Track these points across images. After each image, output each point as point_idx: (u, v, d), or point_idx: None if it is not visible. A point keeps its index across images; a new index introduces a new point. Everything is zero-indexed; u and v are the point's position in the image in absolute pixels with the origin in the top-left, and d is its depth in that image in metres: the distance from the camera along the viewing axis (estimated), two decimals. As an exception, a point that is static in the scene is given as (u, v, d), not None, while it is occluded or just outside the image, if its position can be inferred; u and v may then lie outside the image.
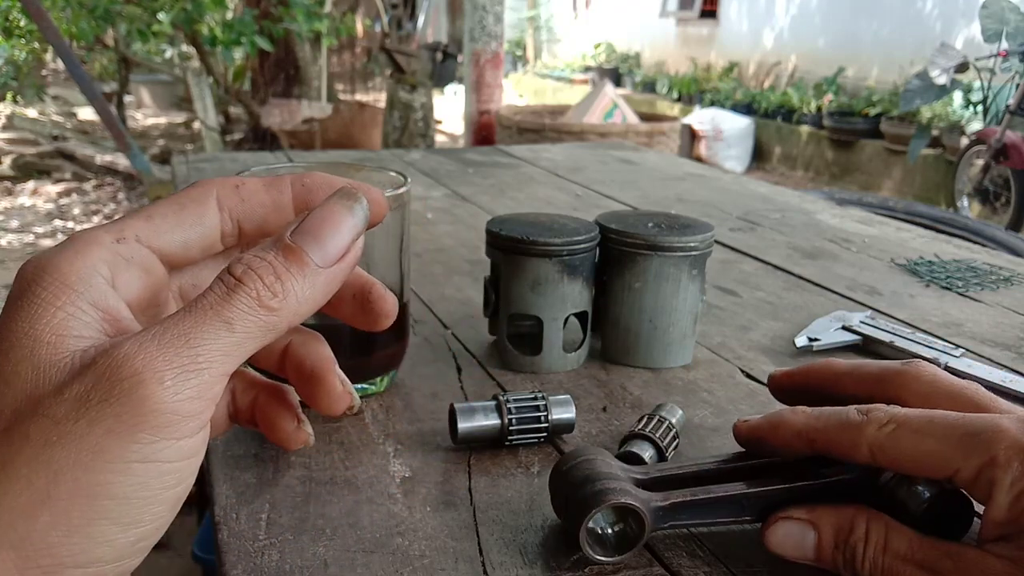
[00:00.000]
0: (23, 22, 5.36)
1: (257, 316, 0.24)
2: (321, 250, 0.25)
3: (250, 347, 0.24)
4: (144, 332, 0.23)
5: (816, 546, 0.33)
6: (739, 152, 6.21)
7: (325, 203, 0.26)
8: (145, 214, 0.27)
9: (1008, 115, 4.05)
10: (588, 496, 0.33)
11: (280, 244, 0.25)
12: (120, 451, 0.22)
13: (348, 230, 0.26)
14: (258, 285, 0.24)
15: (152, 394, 0.22)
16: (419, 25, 9.74)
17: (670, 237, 0.52)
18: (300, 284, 0.25)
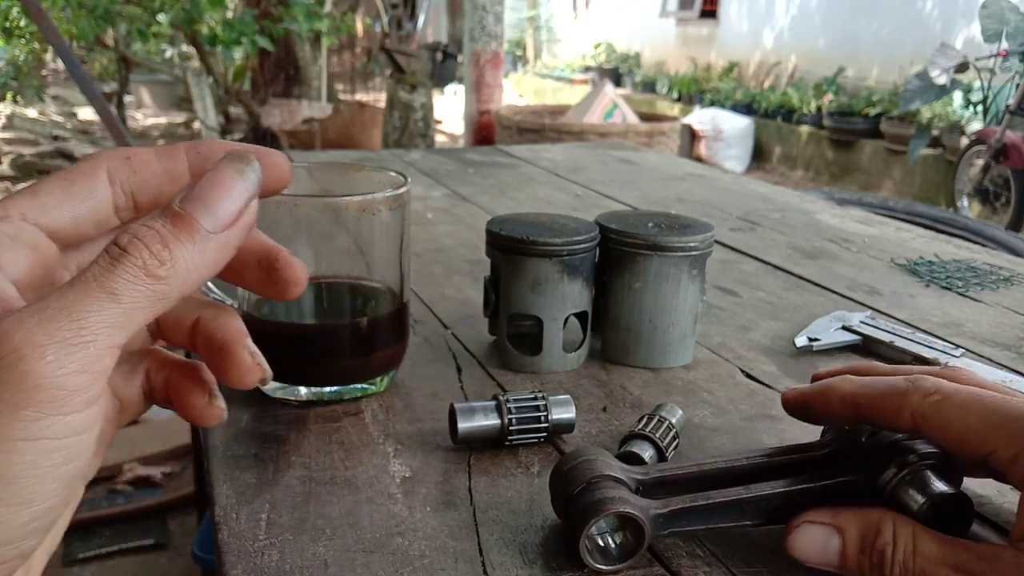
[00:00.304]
0: (23, 22, 5.36)
1: (144, 285, 0.23)
2: (211, 215, 0.24)
3: (139, 318, 0.23)
4: (24, 308, 0.22)
5: (841, 551, 0.33)
6: (739, 152, 6.21)
7: (215, 168, 0.25)
8: (31, 191, 0.26)
9: (1008, 115, 4.05)
10: (588, 505, 0.33)
11: (168, 212, 0.24)
12: (3, 430, 0.21)
13: (239, 194, 0.25)
14: (144, 254, 0.23)
15: (33, 369, 0.21)
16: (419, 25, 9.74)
17: (670, 237, 0.52)
18: (190, 251, 0.24)
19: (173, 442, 1.86)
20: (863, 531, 0.33)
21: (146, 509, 1.64)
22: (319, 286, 0.49)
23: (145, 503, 1.65)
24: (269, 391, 0.48)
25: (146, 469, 1.84)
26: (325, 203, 0.45)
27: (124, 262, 0.23)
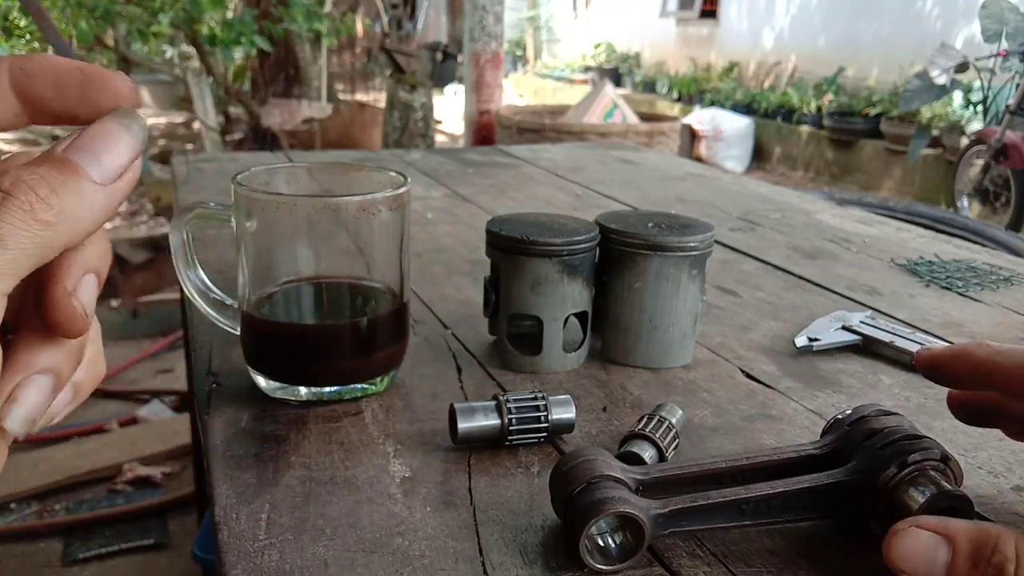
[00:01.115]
0: (23, 22, 5.36)
1: (32, 230, 0.21)
2: (98, 166, 0.23)
3: (25, 265, 0.22)
4: None
5: (949, 564, 0.30)
6: (739, 152, 6.21)
7: (100, 121, 0.24)
8: None
9: (1008, 115, 4.05)
10: (588, 505, 0.33)
11: (52, 158, 0.23)
12: None
13: (126, 147, 0.24)
14: (31, 198, 0.22)
15: None
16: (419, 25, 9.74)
17: (670, 237, 0.52)
18: (77, 199, 0.23)
19: (173, 442, 1.86)
20: (977, 544, 0.30)
21: (146, 509, 1.64)
22: (319, 286, 0.49)
23: (145, 503, 1.65)
24: (269, 391, 0.48)
25: (146, 469, 1.84)
26: (325, 203, 0.45)
27: (10, 205, 0.21)
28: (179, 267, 0.49)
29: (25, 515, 1.71)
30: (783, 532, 0.37)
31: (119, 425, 2.08)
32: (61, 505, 1.74)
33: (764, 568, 0.35)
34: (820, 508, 0.36)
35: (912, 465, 0.34)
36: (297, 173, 0.51)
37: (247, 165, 0.64)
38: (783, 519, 0.36)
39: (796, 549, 0.36)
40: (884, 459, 0.34)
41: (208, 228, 0.83)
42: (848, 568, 0.35)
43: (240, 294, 0.49)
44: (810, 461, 0.37)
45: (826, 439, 0.38)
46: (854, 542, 0.37)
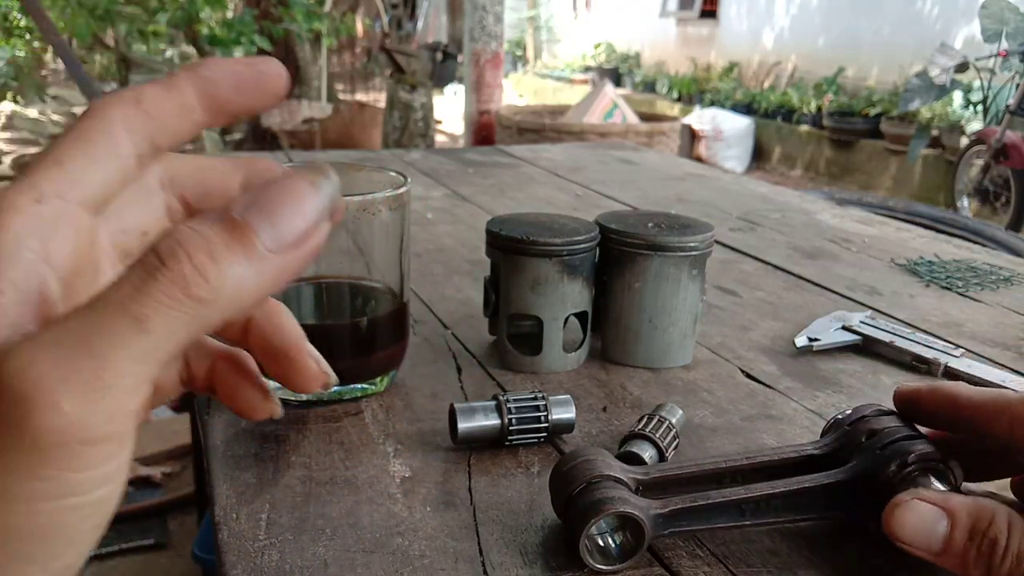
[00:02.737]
0: (23, 22, 5.36)
1: (182, 310, 0.19)
2: (274, 230, 0.20)
3: (173, 348, 0.19)
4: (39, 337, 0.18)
5: (947, 536, 0.31)
6: (739, 152, 6.21)
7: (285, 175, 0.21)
8: (53, 159, 0.23)
9: (1008, 115, 4.05)
10: (588, 505, 0.33)
11: (223, 217, 0.20)
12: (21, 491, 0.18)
13: (310, 209, 0.21)
14: (186, 267, 0.19)
15: (47, 424, 0.17)
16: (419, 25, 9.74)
17: (670, 237, 0.52)
18: (242, 269, 0.19)
19: (173, 442, 1.86)
20: (975, 518, 0.31)
21: (146, 509, 1.64)
22: (319, 286, 0.49)
23: (145, 503, 1.65)
24: None
25: (146, 469, 1.84)
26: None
27: (160, 279, 0.19)
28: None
29: (25, 515, 1.71)
30: (783, 532, 0.37)
31: (119, 425, 2.08)
32: (61, 505, 1.74)
33: (764, 568, 0.35)
34: (820, 508, 0.36)
35: (912, 465, 0.34)
36: (297, 173, 0.51)
37: (247, 165, 0.64)
38: (783, 519, 0.36)
39: (796, 549, 0.36)
40: (884, 459, 0.34)
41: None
42: (848, 568, 0.35)
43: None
44: (810, 461, 0.37)
45: (826, 439, 0.38)
46: (854, 542, 0.37)
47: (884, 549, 0.36)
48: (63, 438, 0.18)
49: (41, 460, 0.18)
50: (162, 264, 0.18)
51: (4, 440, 0.18)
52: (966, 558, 0.31)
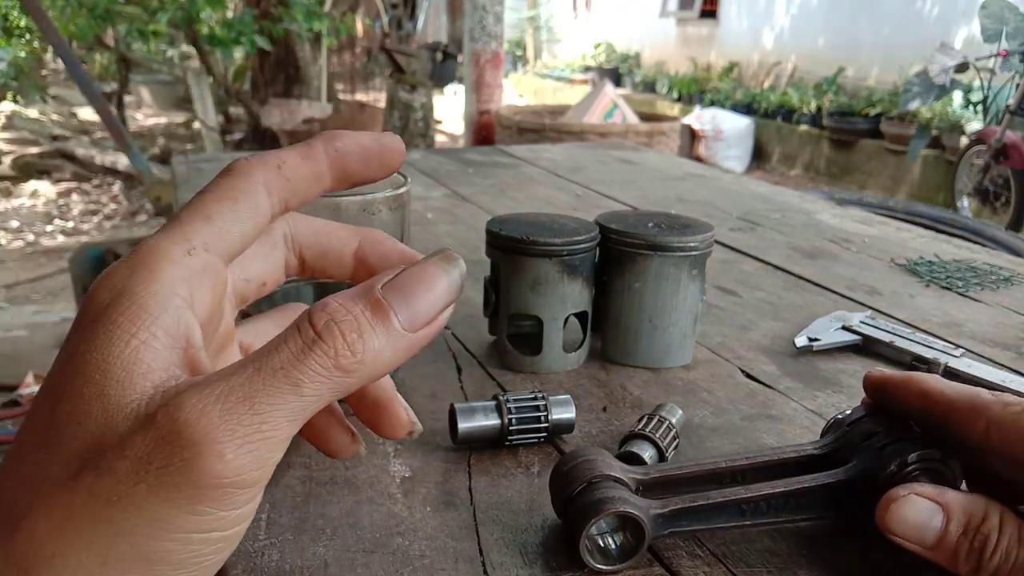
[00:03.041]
0: (23, 22, 5.36)
1: (330, 379, 0.22)
2: (410, 312, 0.23)
3: (315, 410, 0.22)
4: (208, 389, 0.21)
5: (941, 531, 0.32)
6: (739, 152, 6.21)
7: (422, 262, 0.24)
8: (203, 215, 0.25)
9: (1008, 115, 4.05)
10: (588, 504, 0.33)
11: (369, 297, 0.23)
12: (179, 522, 0.21)
13: (442, 294, 0.24)
14: (338, 343, 0.22)
15: (212, 469, 0.21)
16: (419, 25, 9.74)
17: (670, 237, 0.52)
18: (380, 344, 0.23)
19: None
20: (969, 515, 0.31)
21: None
22: (319, 286, 0.49)
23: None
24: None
25: (146, 469, 1.84)
26: (325, 203, 0.45)
27: (316, 351, 0.22)
28: (179, 267, 0.49)
29: (25, 515, 1.71)
30: (783, 532, 0.37)
31: (119, 425, 2.08)
32: (61, 505, 1.74)
33: (764, 568, 0.35)
34: (820, 508, 0.36)
35: (912, 464, 0.34)
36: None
37: (247, 165, 0.64)
38: (783, 519, 0.36)
39: (796, 549, 0.36)
40: (884, 459, 0.34)
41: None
42: (848, 568, 0.35)
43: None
44: (810, 461, 0.37)
45: (826, 439, 0.38)
46: (854, 542, 0.37)
47: (883, 549, 0.36)
48: (222, 481, 0.21)
49: (200, 498, 0.21)
50: (318, 337, 0.22)
51: (172, 477, 0.20)
52: (958, 553, 0.31)
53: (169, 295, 0.23)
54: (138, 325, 0.22)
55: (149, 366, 0.22)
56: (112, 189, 4.92)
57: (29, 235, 3.97)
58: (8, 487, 0.22)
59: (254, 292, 0.29)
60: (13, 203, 4.56)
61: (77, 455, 0.21)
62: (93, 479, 0.21)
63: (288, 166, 0.27)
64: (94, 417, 0.21)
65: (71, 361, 0.22)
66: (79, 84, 3.33)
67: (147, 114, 7.84)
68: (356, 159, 0.27)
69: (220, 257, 0.25)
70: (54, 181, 5.02)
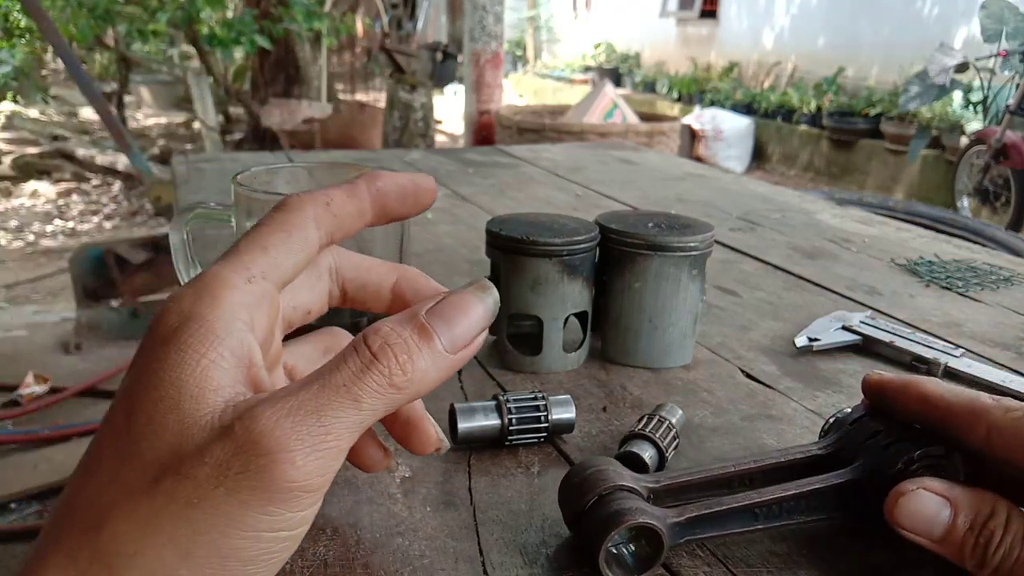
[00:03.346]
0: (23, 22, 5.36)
1: (385, 395, 0.25)
2: (450, 335, 0.26)
3: (370, 423, 0.25)
4: (280, 403, 0.24)
5: (948, 525, 0.32)
6: (739, 152, 6.21)
7: (459, 291, 0.28)
8: (260, 246, 0.28)
9: (1008, 115, 4.05)
10: (605, 517, 0.32)
11: (415, 322, 0.26)
12: (252, 521, 0.23)
13: (478, 320, 0.27)
14: (392, 363, 0.25)
15: (285, 474, 0.23)
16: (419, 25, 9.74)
17: (670, 237, 0.52)
18: (426, 364, 0.26)
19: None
20: (976, 509, 0.32)
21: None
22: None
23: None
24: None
25: (146, 469, 1.84)
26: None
27: (373, 370, 0.25)
28: (179, 267, 0.49)
29: (25, 515, 1.71)
30: (783, 533, 0.37)
31: (119, 425, 2.08)
32: (61, 505, 1.74)
33: (764, 568, 0.35)
34: (829, 508, 0.36)
35: (918, 462, 0.34)
36: (297, 173, 0.51)
37: (247, 165, 0.64)
38: (795, 521, 0.35)
39: (796, 549, 0.36)
40: (889, 457, 0.34)
41: (208, 228, 0.83)
42: (848, 568, 0.35)
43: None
44: (815, 461, 0.37)
45: (829, 439, 0.38)
46: (854, 542, 0.37)
47: (886, 548, 0.36)
48: (292, 486, 0.23)
49: (272, 500, 0.23)
50: (375, 358, 0.25)
51: (248, 482, 0.23)
52: (964, 547, 0.32)
53: (232, 319, 0.26)
54: (207, 346, 0.25)
55: (219, 383, 0.24)
56: (112, 189, 4.92)
57: (29, 235, 3.97)
58: (87, 492, 0.24)
59: (300, 319, 0.32)
60: (13, 203, 4.56)
61: (155, 462, 0.23)
62: (174, 483, 0.23)
63: (335, 203, 0.30)
64: (170, 428, 0.24)
65: (144, 378, 0.25)
66: (79, 84, 3.33)
67: (147, 114, 7.84)
68: (394, 197, 0.31)
69: (275, 285, 0.28)
70: (54, 181, 5.02)
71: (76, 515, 0.24)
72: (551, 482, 0.41)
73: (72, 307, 2.78)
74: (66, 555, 0.23)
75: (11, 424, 2.13)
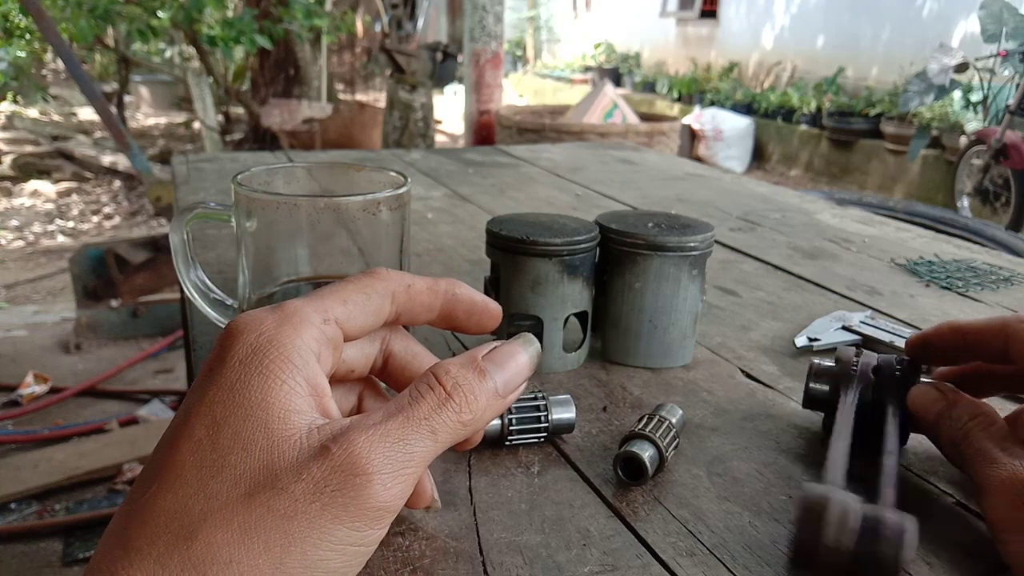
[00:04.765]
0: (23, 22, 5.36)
1: (455, 429, 0.28)
2: (504, 379, 0.30)
3: (439, 452, 0.28)
4: (371, 430, 0.26)
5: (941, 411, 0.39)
6: (739, 152, 6.21)
7: (508, 342, 0.31)
8: (341, 298, 0.30)
9: (1008, 115, 4.05)
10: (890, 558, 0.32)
11: (476, 365, 0.29)
12: (341, 535, 0.25)
13: (524, 368, 0.31)
14: (461, 401, 0.28)
15: (376, 495, 0.26)
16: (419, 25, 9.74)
17: (670, 237, 0.52)
18: (484, 403, 0.29)
19: (173, 442, 1.86)
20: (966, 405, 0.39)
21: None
22: (319, 286, 0.49)
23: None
24: None
25: (146, 469, 1.83)
26: (325, 203, 0.45)
27: (448, 407, 0.28)
28: (179, 267, 0.49)
29: (25, 515, 1.71)
30: (781, 528, 0.37)
31: (119, 425, 2.08)
32: (61, 505, 1.74)
33: (764, 568, 0.35)
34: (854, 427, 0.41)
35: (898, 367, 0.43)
36: (297, 173, 0.51)
37: (247, 165, 0.64)
38: None
39: (796, 549, 0.36)
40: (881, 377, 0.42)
41: (208, 228, 0.83)
42: (848, 569, 0.35)
43: (240, 294, 0.49)
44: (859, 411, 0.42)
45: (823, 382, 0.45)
46: (854, 542, 0.37)
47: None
48: (380, 505, 0.26)
49: (361, 517, 0.26)
50: (450, 396, 0.28)
51: (343, 499, 0.25)
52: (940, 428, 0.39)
53: (308, 352, 0.28)
54: (288, 373, 0.27)
55: (300, 408, 0.27)
56: (112, 189, 4.92)
57: (29, 235, 3.97)
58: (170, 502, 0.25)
59: (343, 374, 0.34)
60: (13, 203, 4.56)
61: (246, 476, 0.25)
62: (271, 496, 0.25)
63: (415, 290, 0.33)
64: (259, 445, 0.26)
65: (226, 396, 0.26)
66: (79, 84, 3.33)
67: (147, 114, 7.84)
68: (464, 309, 0.34)
69: (344, 334, 0.30)
70: (54, 181, 5.02)
71: (159, 523, 0.25)
72: (551, 482, 0.41)
73: (72, 307, 2.78)
74: (155, 561, 0.24)
75: (11, 424, 2.13)
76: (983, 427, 0.37)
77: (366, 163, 0.53)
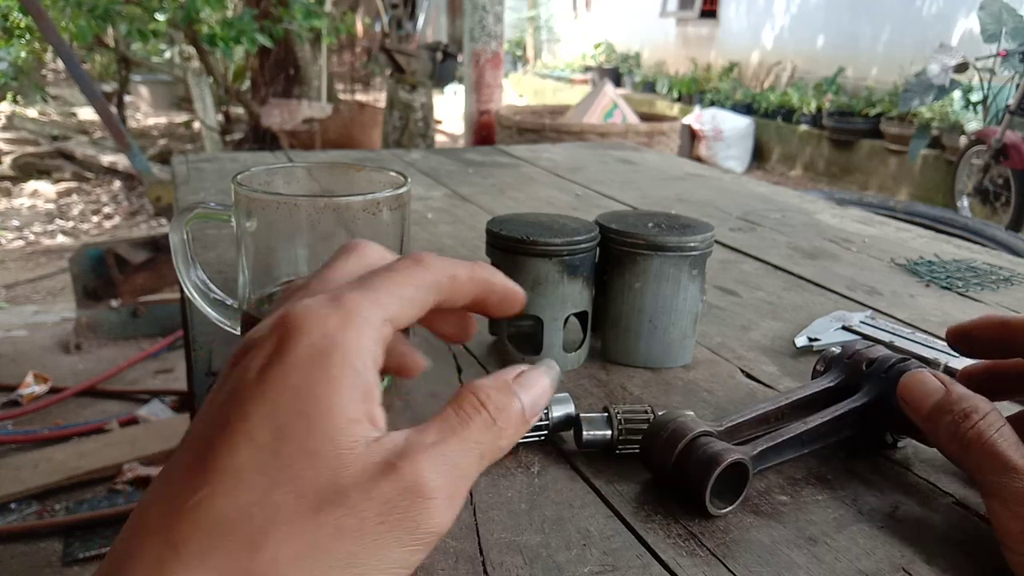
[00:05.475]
0: (23, 22, 5.36)
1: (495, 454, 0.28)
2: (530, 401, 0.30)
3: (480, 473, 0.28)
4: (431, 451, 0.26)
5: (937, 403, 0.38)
6: (739, 152, 6.21)
7: (532, 368, 0.31)
8: (396, 294, 0.29)
9: (1008, 115, 4.05)
10: (707, 458, 0.37)
11: (508, 389, 0.29)
12: (399, 557, 0.25)
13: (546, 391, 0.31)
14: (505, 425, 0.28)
15: (437, 522, 0.26)
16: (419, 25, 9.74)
17: (670, 237, 0.52)
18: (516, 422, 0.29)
19: (173, 442, 1.86)
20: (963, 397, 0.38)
21: (146, 509, 1.64)
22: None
23: (145, 503, 1.65)
24: None
25: (146, 469, 1.84)
26: (325, 203, 0.45)
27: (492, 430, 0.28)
28: (179, 267, 0.49)
29: (25, 515, 1.71)
30: (782, 529, 0.37)
31: (119, 425, 2.08)
32: (61, 505, 1.74)
33: (764, 568, 0.35)
34: (850, 428, 0.43)
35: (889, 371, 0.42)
36: (297, 173, 0.51)
37: (247, 165, 0.64)
38: (825, 444, 0.42)
39: (797, 548, 0.36)
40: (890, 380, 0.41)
41: (208, 228, 0.83)
42: (848, 569, 0.35)
43: (240, 294, 0.49)
44: (828, 393, 0.44)
45: (831, 375, 0.45)
46: (854, 543, 0.37)
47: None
48: (439, 529, 0.26)
49: (421, 540, 0.25)
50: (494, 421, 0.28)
51: (410, 522, 0.25)
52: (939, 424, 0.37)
53: (368, 357, 0.27)
54: (351, 379, 0.26)
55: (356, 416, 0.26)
56: (112, 189, 4.92)
57: (29, 235, 3.97)
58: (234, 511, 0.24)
59: None
60: (13, 203, 4.56)
61: (313, 489, 0.24)
62: (342, 515, 0.24)
63: (458, 280, 0.32)
64: (325, 457, 0.25)
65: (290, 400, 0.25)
66: (79, 84, 3.33)
67: (147, 114, 7.84)
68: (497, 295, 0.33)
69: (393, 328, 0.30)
70: (54, 181, 5.02)
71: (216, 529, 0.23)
72: (551, 482, 0.41)
73: (72, 307, 2.78)
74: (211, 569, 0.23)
75: (11, 424, 2.13)
76: (995, 428, 0.36)
77: (366, 163, 0.53)
